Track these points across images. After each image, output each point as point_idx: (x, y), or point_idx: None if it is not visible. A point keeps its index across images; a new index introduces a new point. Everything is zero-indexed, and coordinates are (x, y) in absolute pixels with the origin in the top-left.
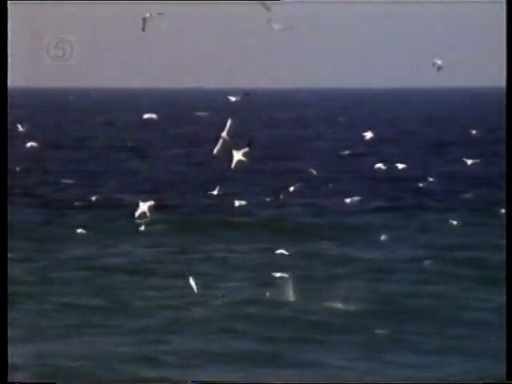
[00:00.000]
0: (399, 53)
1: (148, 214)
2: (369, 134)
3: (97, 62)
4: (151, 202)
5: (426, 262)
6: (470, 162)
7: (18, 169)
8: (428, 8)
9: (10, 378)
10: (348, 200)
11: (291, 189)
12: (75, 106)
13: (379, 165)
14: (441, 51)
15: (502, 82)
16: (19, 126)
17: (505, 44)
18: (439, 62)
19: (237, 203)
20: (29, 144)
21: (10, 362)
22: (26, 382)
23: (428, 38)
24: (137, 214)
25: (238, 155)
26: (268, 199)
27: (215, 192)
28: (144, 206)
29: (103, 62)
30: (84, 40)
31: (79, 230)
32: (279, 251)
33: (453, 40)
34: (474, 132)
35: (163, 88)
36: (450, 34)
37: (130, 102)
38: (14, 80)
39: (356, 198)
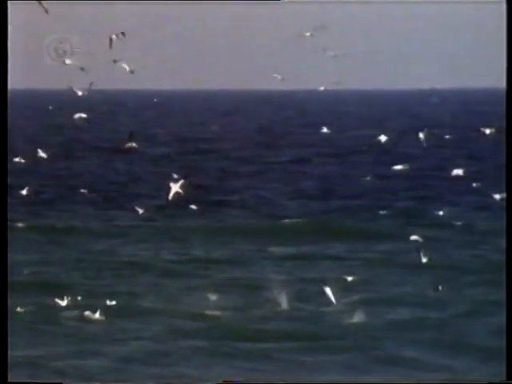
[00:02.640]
0: (398, 53)
1: (182, 192)
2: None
3: (97, 62)
4: (181, 182)
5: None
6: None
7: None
8: (428, 8)
9: (10, 378)
10: None
11: None
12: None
13: None
14: (440, 51)
15: (502, 83)
16: None
17: (505, 44)
18: None
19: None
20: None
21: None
22: (27, 381)
23: (427, 37)
24: (170, 196)
25: (175, 188)
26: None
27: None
28: (176, 187)
29: (103, 62)
30: (84, 40)
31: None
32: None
33: (453, 40)
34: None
35: (161, 89)
36: (450, 34)
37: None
38: (13, 81)
39: None
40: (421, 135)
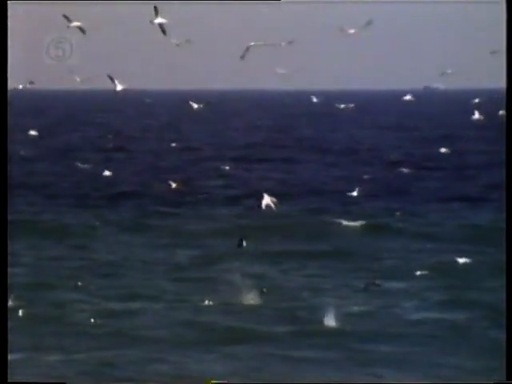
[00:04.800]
0: (398, 53)
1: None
2: None
3: (97, 62)
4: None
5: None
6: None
7: None
8: (428, 8)
9: (10, 378)
10: None
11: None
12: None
13: None
14: (440, 51)
15: (502, 83)
16: None
17: (505, 44)
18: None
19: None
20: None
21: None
22: (27, 381)
23: (427, 37)
24: (263, 205)
25: (267, 200)
26: None
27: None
28: (268, 200)
29: (103, 62)
30: (84, 40)
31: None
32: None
33: (453, 40)
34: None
35: (165, 89)
36: (450, 34)
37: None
38: (13, 81)
39: None
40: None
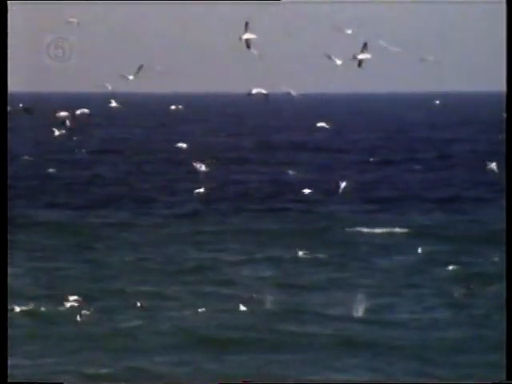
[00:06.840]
0: (398, 53)
1: None
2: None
3: (97, 63)
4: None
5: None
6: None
7: None
8: (428, 8)
9: (10, 378)
10: None
11: None
12: None
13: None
14: (440, 52)
15: (502, 85)
16: None
17: (505, 44)
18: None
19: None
20: None
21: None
22: (26, 382)
23: (428, 38)
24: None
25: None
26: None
27: None
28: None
29: (102, 63)
30: (84, 40)
31: None
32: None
33: (453, 40)
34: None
35: (160, 93)
36: (450, 34)
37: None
38: (13, 81)
39: None
40: None
